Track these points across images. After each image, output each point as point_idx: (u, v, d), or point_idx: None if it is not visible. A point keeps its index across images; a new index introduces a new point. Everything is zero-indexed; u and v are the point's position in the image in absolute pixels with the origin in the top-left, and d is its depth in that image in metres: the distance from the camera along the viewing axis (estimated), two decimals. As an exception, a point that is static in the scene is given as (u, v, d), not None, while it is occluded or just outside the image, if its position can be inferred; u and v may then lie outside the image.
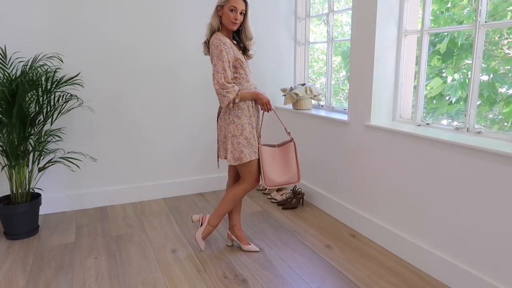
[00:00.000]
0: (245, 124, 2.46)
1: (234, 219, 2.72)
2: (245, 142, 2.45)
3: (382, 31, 2.66)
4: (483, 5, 2.14)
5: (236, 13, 2.36)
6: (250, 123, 2.48)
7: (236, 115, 2.45)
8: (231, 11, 2.35)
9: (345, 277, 2.34)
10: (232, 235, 2.73)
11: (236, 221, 2.72)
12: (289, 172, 2.57)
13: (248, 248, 2.68)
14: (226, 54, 2.34)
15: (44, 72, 2.90)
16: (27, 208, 2.88)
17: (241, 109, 2.45)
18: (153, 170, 3.67)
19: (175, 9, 3.50)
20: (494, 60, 3.16)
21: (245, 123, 2.46)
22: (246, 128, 2.45)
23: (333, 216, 3.23)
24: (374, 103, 2.75)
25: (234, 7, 2.34)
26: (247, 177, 2.55)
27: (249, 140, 2.47)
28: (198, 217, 2.68)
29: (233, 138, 2.46)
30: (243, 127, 2.45)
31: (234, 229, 2.72)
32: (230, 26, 2.39)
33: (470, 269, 2.11)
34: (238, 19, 2.38)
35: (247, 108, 2.47)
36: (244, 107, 2.46)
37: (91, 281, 2.32)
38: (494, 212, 1.98)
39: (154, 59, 3.49)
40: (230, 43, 2.41)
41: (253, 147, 2.48)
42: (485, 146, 1.98)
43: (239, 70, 2.44)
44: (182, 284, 2.29)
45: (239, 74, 2.45)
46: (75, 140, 3.34)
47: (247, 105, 2.48)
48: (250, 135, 2.47)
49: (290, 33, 3.97)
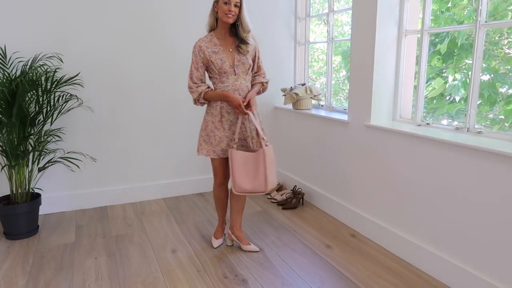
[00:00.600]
0: (208, 122, 2.53)
1: (234, 219, 2.72)
2: (206, 137, 2.54)
3: (382, 31, 2.65)
4: (483, 5, 2.14)
5: (230, 5, 2.37)
6: (213, 122, 2.51)
7: (206, 111, 2.57)
8: (225, 3, 2.37)
9: (345, 277, 2.34)
10: (232, 235, 2.73)
11: (236, 221, 2.72)
12: (256, 180, 2.43)
13: (248, 248, 2.68)
14: (195, 56, 2.46)
15: (44, 72, 2.90)
16: (27, 208, 2.88)
17: (210, 106, 2.53)
18: (153, 170, 3.67)
19: (176, 10, 3.49)
20: (495, 60, 3.16)
21: (209, 121, 2.53)
22: (208, 125, 2.53)
23: (333, 216, 3.23)
24: (374, 103, 2.74)
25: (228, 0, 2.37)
26: (213, 173, 2.66)
27: (210, 138, 2.53)
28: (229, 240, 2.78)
29: (201, 130, 2.58)
30: (206, 123, 2.54)
31: (233, 229, 2.72)
32: (225, 19, 2.40)
33: (470, 269, 2.11)
34: (233, 11, 2.38)
35: (215, 108, 2.50)
36: (214, 106, 2.51)
37: (91, 281, 2.32)
38: (494, 212, 1.98)
39: (154, 59, 3.49)
40: (208, 45, 2.44)
41: (212, 146, 2.53)
42: (485, 146, 1.98)
43: (211, 72, 2.51)
44: (182, 284, 2.29)
45: (212, 75, 2.51)
46: (75, 140, 3.34)
47: (219, 106, 2.50)
48: (211, 133, 2.52)
49: (290, 33, 3.97)
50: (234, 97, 2.43)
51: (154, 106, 3.56)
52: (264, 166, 2.41)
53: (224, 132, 2.51)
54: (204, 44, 2.45)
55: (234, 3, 2.37)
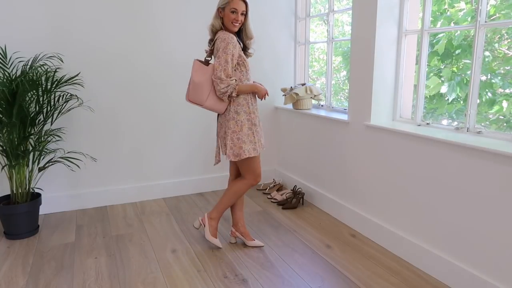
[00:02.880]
0: (244, 121, 2.49)
1: (238, 215, 2.73)
2: (245, 138, 2.49)
3: (382, 31, 2.66)
4: (483, 5, 2.14)
5: (237, 14, 2.41)
6: (249, 119, 2.51)
7: (236, 111, 2.49)
8: (232, 12, 2.40)
9: (345, 277, 2.34)
10: (237, 232, 2.74)
11: (239, 217, 2.74)
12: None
13: (253, 244, 2.71)
14: (233, 48, 2.40)
15: (44, 72, 2.90)
16: (27, 208, 2.88)
17: (240, 105, 2.49)
18: (153, 170, 3.67)
19: (176, 11, 3.49)
20: (494, 61, 3.16)
21: (244, 119, 2.50)
22: (245, 124, 2.49)
23: (333, 216, 3.23)
24: (374, 103, 2.75)
25: (235, 8, 2.39)
26: (247, 173, 2.58)
27: (249, 136, 2.49)
28: (198, 222, 2.71)
29: (233, 134, 2.49)
30: (242, 123, 2.49)
31: (238, 226, 2.73)
32: (232, 27, 2.44)
33: (470, 268, 2.11)
34: (239, 20, 2.43)
35: (246, 105, 2.51)
36: (243, 103, 2.50)
37: (91, 281, 2.32)
38: (494, 211, 1.98)
39: (154, 59, 3.49)
40: (236, 41, 2.46)
41: (252, 144, 2.50)
42: (485, 146, 1.98)
43: (241, 68, 2.49)
44: (182, 284, 2.29)
45: (241, 71, 2.49)
46: (75, 140, 3.34)
47: (246, 102, 2.51)
48: (249, 131, 2.50)
49: (290, 33, 3.97)
50: (260, 86, 2.55)
51: (155, 106, 3.56)
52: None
53: (258, 127, 2.55)
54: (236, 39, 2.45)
55: (241, 12, 2.41)
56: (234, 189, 2.62)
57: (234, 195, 2.63)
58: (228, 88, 2.40)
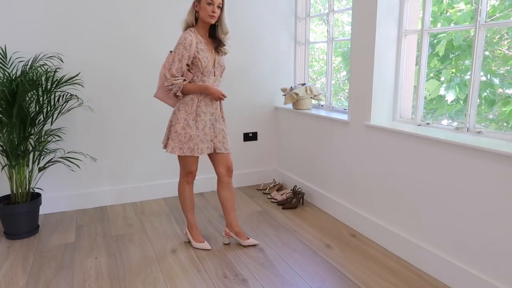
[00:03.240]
0: (180, 119, 2.48)
1: (231, 216, 2.74)
2: (174, 135, 2.49)
3: (382, 31, 2.66)
4: (483, 5, 2.14)
5: (214, 6, 2.38)
6: (186, 119, 2.47)
7: (178, 107, 2.51)
8: (208, 4, 2.37)
9: (345, 277, 2.34)
10: (231, 232, 2.74)
11: (232, 218, 2.74)
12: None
13: (248, 243, 2.72)
14: (183, 49, 2.38)
15: (44, 72, 2.90)
16: (27, 208, 2.88)
17: (184, 103, 2.49)
18: (153, 170, 3.67)
19: (177, 12, 3.49)
20: (494, 61, 3.17)
21: (181, 118, 2.48)
22: (180, 122, 2.48)
23: (333, 216, 3.23)
24: (374, 103, 2.75)
25: (212, 0, 2.37)
26: (180, 168, 2.64)
27: (178, 135, 2.48)
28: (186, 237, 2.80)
29: (169, 127, 2.55)
30: (177, 120, 2.49)
31: (232, 226, 2.74)
32: (208, 20, 2.41)
33: (470, 268, 2.12)
34: (216, 12, 2.40)
35: (191, 105, 2.48)
36: (189, 103, 2.48)
37: (91, 281, 2.32)
38: (494, 211, 1.98)
39: (154, 59, 3.49)
40: (196, 41, 2.42)
41: (180, 143, 2.48)
42: (485, 146, 1.98)
43: (195, 69, 2.45)
44: (182, 284, 2.29)
45: (194, 72, 2.46)
46: (75, 140, 3.34)
47: (192, 102, 2.48)
48: (182, 131, 2.48)
49: (290, 33, 3.97)
50: (214, 88, 2.47)
51: (155, 105, 3.56)
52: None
53: (196, 131, 2.49)
54: (194, 39, 2.41)
55: (217, 4, 2.39)
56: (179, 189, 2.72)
57: (179, 195, 2.72)
58: (172, 87, 2.42)
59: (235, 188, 3.96)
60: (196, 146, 2.50)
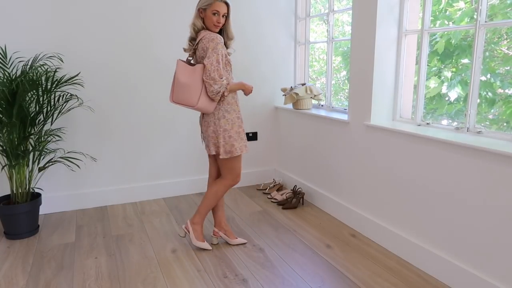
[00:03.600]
0: (235, 119, 2.52)
1: (219, 215, 2.75)
2: (236, 136, 2.51)
3: (382, 31, 2.66)
4: (483, 5, 2.14)
5: (219, 17, 2.41)
6: (239, 117, 2.55)
7: (226, 110, 2.50)
8: (213, 14, 2.39)
9: (345, 277, 2.34)
10: (220, 231, 2.75)
11: (221, 217, 2.76)
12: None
13: (237, 242, 2.74)
14: (222, 48, 2.40)
15: (44, 72, 2.90)
16: (27, 208, 2.88)
17: (230, 104, 2.51)
18: (153, 170, 3.67)
19: (176, 9, 3.49)
20: (494, 61, 3.17)
21: (235, 118, 2.53)
22: (235, 122, 2.52)
23: (333, 216, 3.24)
24: (374, 103, 2.75)
25: (217, 11, 2.39)
26: (228, 173, 2.60)
27: (239, 134, 2.53)
28: (182, 230, 2.71)
29: (225, 132, 2.50)
30: (233, 122, 2.52)
31: (221, 225, 2.75)
32: (213, 29, 2.45)
33: (470, 268, 2.12)
34: (221, 22, 2.43)
35: (235, 103, 2.54)
36: (233, 102, 2.53)
37: (91, 281, 2.32)
38: (494, 211, 1.98)
39: (154, 59, 3.49)
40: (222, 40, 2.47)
41: (243, 141, 2.55)
42: (485, 145, 1.98)
43: (227, 67, 2.50)
44: (182, 284, 2.29)
45: (227, 71, 2.51)
46: (75, 140, 3.34)
47: (235, 100, 2.55)
48: (240, 129, 2.54)
49: (290, 33, 3.97)
50: (248, 84, 2.58)
51: (154, 106, 3.56)
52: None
53: (243, 124, 2.59)
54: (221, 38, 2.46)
55: (222, 14, 2.41)
56: (214, 191, 2.62)
57: (214, 197, 2.63)
58: (221, 88, 2.40)
59: (235, 188, 3.96)
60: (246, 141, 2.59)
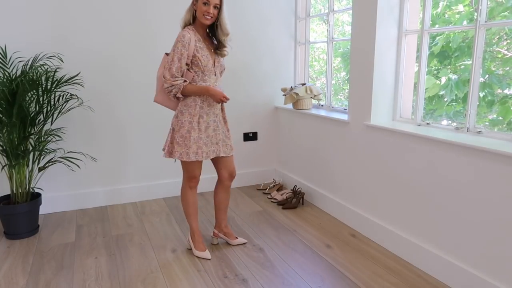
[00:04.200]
0: (185, 122, 2.39)
1: (221, 216, 2.74)
2: (180, 139, 2.39)
3: (382, 31, 2.66)
4: (483, 5, 2.14)
5: (209, 6, 2.30)
6: (191, 122, 2.38)
7: (180, 111, 2.41)
8: (204, 4, 2.30)
9: (345, 277, 2.34)
10: (220, 233, 2.76)
11: (222, 218, 2.75)
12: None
13: (237, 242, 2.75)
14: (182, 47, 2.30)
15: (44, 72, 2.90)
16: (27, 208, 2.88)
17: (187, 106, 2.40)
18: (153, 170, 3.67)
19: (175, 12, 3.49)
20: (493, 62, 3.17)
21: (185, 121, 2.39)
22: (184, 126, 2.39)
23: (333, 216, 3.24)
24: (374, 103, 2.75)
25: (208, 0, 2.30)
26: (183, 173, 2.55)
27: (185, 140, 2.39)
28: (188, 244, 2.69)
29: (173, 132, 2.44)
30: (182, 124, 2.39)
31: (221, 227, 2.75)
32: (203, 20, 2.34)
33: (470, 268, 2.12)
34: (211, 13, 2.33)
35: (194, 106, 2.39)
36: (191, 105, 2.39)
37: (91, 281, 2.32)
38: (494, 211, 1.98)
39: (154, 59, 3.49)
40: (195, 39, 2.35)
41: (185, 148, 2.39)
42: (485, 145, 1.98)
43: (194, 68, 2.38)
44: (182, 283, 2.29)
45: (195, 72, 2.39)
46: (75, 140, 3.34)
47: (195, 104, 2.39)
48: (187, 134, 2.38)
49: (290, 33, 3.97)
50: (215, 89, 2.37)
51: (155, 105, 3.56)
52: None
53: (199, 133, 2.41)
54: (192, 37, 2.33)
55: (213, 5, 2.31)
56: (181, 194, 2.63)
57: (182, 200, 2.62)
58: (172, 88, 2.33)
59: (235, 188, 3.96)
60: (200, 149, 2.41)
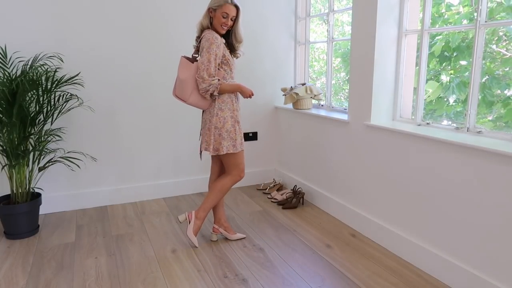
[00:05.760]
0: (227, 117, 2.55)
1: (220, 212, 2.79)
2: (225, 134, 2.54)
3: (382, 31, 2.66)
4: (483, 5, 2.14)
5: (228, 19, 2.46)
6: (232, 116, 2.57)
7: (220, 108, 2.55)
8: (223, 16, 2.44)
9: (345, 277, 2.34)
10: (220, 228, 2.78)
11: (221, 213, 2.80)
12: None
13: (236, 237, 2.80)
14: (216, 48, 2.43)
15: (44, 72, 2.90)
16: (27, 208, 2.88)
17: (224, 102, 2.55)
18: (153, 170, 3.67)
19: (177, 10, 3.50)
20: (493, 62, 3.17)
21: (227, 116, 2.55)
22: (228, 121, 2.55)
23: (333, 216, 3.24)
24: (374, 103, 2.75)
25: (227, 13, 2.44)
26: (232, 169, 2.65)
27: (230, 133, 2.55)
28: (184, 216, 2.71)
29: (215, 130, 2.55)
30: (225, 120, 2.54)
31: (221, 222, 2.79)
32: (219, 29, 2.49)
33: (470, 268, 2.12)
34: (228, 25, 2.48)
35: (230, 102, 2.56)
36: (228, 101, 2.56)
37: (91, 281, 2.32)
38: (494, 211, 1.98)
39: (155, 59, 3.49)
40: (221, 40, 2.50)
41: (232, 141, 2.56)
42: (485, 145, 1.98)
43: (225, 67, 2.54)
44: (182, 284, 2.29)
45: (225, 70, 2.54)
46: (75, 140, 3.34)
47: (231, 99, 2.57)
48: (232, 128, 2.56)
49: (290, 33, 3.97)
50: (245, 87, 2.59)
51: (154, 106, 3.56)
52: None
53: (239, 125, 2.60)
54: (220, 38, 2.48)
55: (231, 17, 2.46)
56: (219, 186, 2.65)
57: (219, 192, 2.66)
58: (210, 87, 2.45)
59: (235, 188, 3.96)
60: (242, 140, 2.63)
